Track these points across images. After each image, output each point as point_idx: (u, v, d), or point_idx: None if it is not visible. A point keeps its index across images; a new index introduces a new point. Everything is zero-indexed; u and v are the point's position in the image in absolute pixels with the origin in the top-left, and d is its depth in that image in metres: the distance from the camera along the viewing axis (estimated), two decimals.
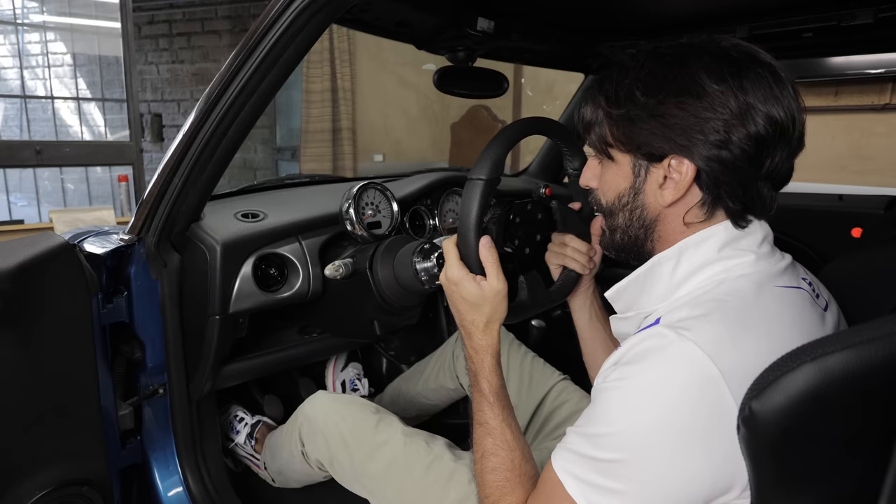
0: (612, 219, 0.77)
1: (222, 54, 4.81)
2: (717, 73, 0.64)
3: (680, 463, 0.57)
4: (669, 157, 0.67)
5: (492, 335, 0.82)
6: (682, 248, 0.70)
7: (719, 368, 0.57)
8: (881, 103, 2.85)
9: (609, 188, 0.75)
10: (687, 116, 0.65)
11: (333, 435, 1.08)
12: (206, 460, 1.19)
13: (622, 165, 0.73)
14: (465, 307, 0.83)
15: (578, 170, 1.02)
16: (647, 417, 0.58)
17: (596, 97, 0.73)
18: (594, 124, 0.74)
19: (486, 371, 0.81)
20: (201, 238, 1.10)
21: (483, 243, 0.83)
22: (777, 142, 0.65)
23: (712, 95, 0.64)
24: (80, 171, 4.07)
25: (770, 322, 0.62)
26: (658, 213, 0.72)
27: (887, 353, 0.42)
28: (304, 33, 0.84)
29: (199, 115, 0.94)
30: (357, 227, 1.20)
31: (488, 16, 1.06)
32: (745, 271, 0.66)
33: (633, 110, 0.68)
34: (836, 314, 0.73)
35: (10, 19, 3.47)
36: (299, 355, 1.32)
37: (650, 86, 0.67)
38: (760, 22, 1.05)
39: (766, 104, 0.64)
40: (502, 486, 0.76)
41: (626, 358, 0.62)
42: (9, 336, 0.86)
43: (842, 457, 0.48)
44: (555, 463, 0.65)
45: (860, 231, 1.42)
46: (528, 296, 0.93)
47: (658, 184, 0.70)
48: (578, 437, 0.64)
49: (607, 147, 0.73)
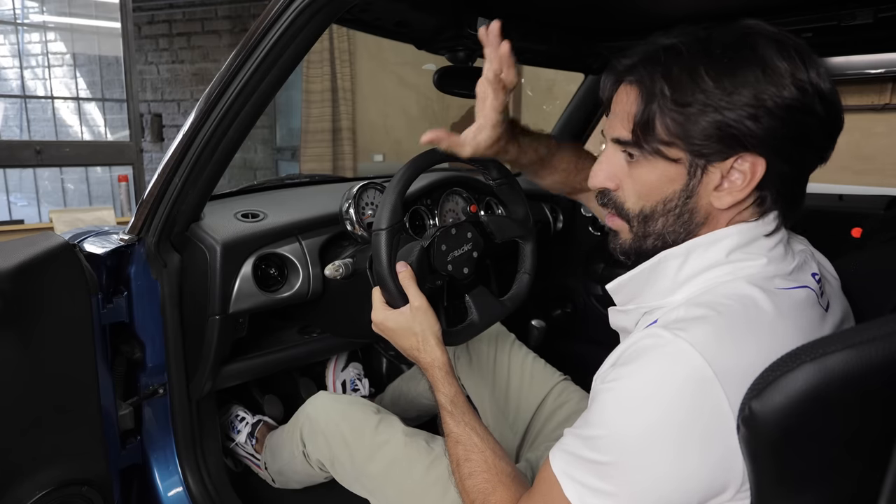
0: (647, 224, 0.68)
1: (222, 54, 4.81)
2: (787, 54, 0.58)
3: (673, 465, 0.57)
4: (738, 156, 0.61)
5: (432, 350, 0.87)
6: (690, 247, 0.66)
7: (714, 370, 0.55)
8: (881, 103, 2.85)
9: (650, 190, 0.66)
10: (765, 108, 0.58)
11: (335, 435, 1.08)
12: (206, 460, 1.19)
13: (677, 166, 0.64)
14: (400, 337, 0.89)
15: (498, 177, 1.05)
16: (640, 420, 0.58)
17: (649, 84, 0.63)
18: (643, 117, 0.63)
19: (437, 384, 0.85)
20: (201, 238, 1.10)
21: (397, 269, 0.90)
22: (832, 126, 0.62)
23: (790, 80, 0.58)
24: (80, 171, 4.07)
25: (768, 325, 0.59)
26: (707, 216, 0.65)
27: (887, 352, 0.42)
28: (304, 33, 0.84)
29: (199, 115, 0.94)
30: (357, 227, 1.20)
31: (488, 16, 1.06)
32: (749, 273, 0.63)
33: (701, 100, 0.60)
34: (838, 315, 0.71)
35: (10, 19, 3.46)
36: (299, 355, 1.32)
37: (721, 70, 0.59)
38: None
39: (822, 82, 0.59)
40: (483, 487, 0.76)
41: (622, 359, 0.62)
42: (9, 336, 0.86)
43: (842, 457, 0.48)
44: (552, 463, 0.65)
45: (860, 231, 1.41)
46: (478, 313, 0.98)
47: (714, 185, 0.63)
48: (575, 439, 0.64)
49: (662, 145, 0.63)
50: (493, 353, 1.25)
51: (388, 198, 0.91)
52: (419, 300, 0.88)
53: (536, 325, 1.55)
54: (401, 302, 0.90)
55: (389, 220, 0.90)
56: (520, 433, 1.16)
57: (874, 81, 2.84)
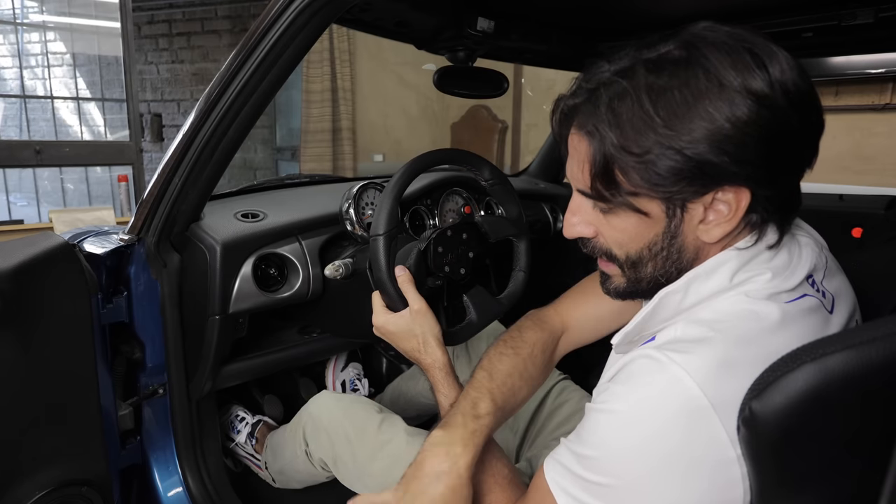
0: (637, 270, 0.64)
1: (222, 54, 4.81)
2: (742, 66, 0.53)
3: (662, 491, 0.55)
4: (715, 191, 0.56)
5: (433, 352, 0.87)
6: (689, 279, 0.61)
7: (710, 399, 0.52)
8: (882, 103, 2.85)
9: (630, 239, 0.62)
10: (724, 136, 0.53)
11: (337, 434, 1.08)
12: (205, 460, 1.19)
13: (650, 213, 0.59)
14: (401, 340, 0.90)
15: (490, 178, 1.07)
16: (630, 446, 0.56)
17: (598, 136, 0.57)
18: (600, 170, 0.58)
19: (438, 385, 0.86)
20: (201, 238, 1.10)
21: (396, 274, 0.91)
22: (809, 116, 0.58)
23: (744, 97, 0.52)
24: (80, 171, 4.07)
25: (772, 343, 0.55)
26: (698, 251, 0.61)
27: (888, 353, 0.42)
28: (304, 33, 0.84)
29: (199, 115, 0.94)
30: (357, 227, 1.20)
31: (488, 16, 1.06)
32: (754, 288, 0.59)
33: (657, 143, 0.54)
34: (845, 310, 0.67)
35: (9, 19, 3.46)
36: (299, 355, 1.32)
37: (671, 104, 0.54)
38: (761, 22, 1.05)
39: (785, 76, 0.54)
40: (479, 488, 0.76)
41: (618, 377, 0.60)
42: (8, 336, 0.86)
43: (842, 457, 0.48)
44: (546, 473, 0.64)
45: (860, 231, 1.41)
46: (476, 312, 1.00)
47: (698, 220, 0.58)
48: (568, 453, 0.63)
49: (628, 196, 0.59)
50: None
51: (384, 203, 0.93)
52: (419, 303, 0.90)
53: None
54: (400, 305, 0.91)
55: (386, 226, 0.92)
56: (519, 433, 1.16)
57: (874, 81, 2.84)
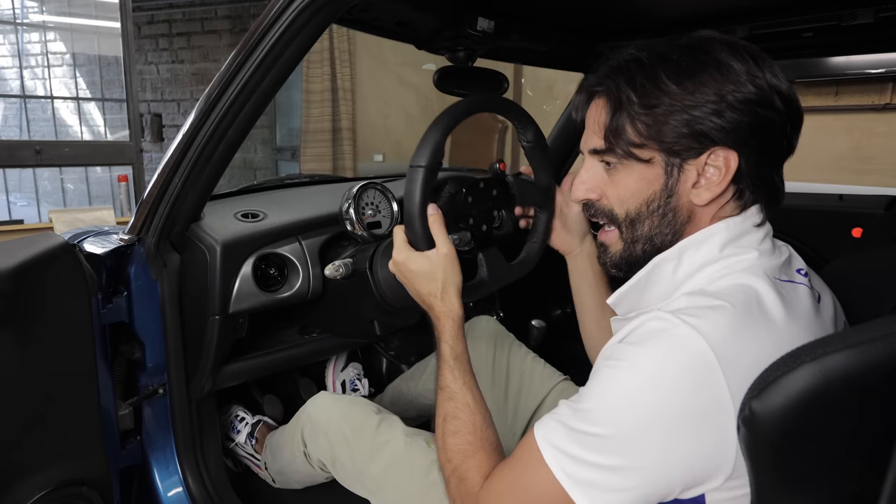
0: (635, 229, 0.71)
1: (222, 54, 4.81)
2: (741, 57, 0.63)
3: (662, 448, 0.57)
4: (710, 151, 0.65)
5: (451, 301, 0.85)
6: (682, 248, 0.69)
7: (717, 357, 0.56)
8: (881, 103, 2.85)
9: (632, 194, 0.70)
10: (726, 103, 0.63)
11: (336, 435, 1.08)
12: (205, 460, 1.19)
13: (653, 166, 0.68)
14: (419, 281, 0.86)
15: (532, 141, 1.02)
16: (638, 400, 0.58)
17: (615, 93, 0.68)
18: (613, 124, 0.68)
19: (446, 335, 0.83)
20: (201, 238, 1.10)
21: (428, 212, 0.85)
22: (794, 120, 0.66)
23: (747, 78, 0.62)
24: (80, 171, 4.08)
25: (771, 317, 0.61)
26: (690, 214, 0.69)
27: (888, 352, 0.42)
28: (304, 33, 0.84)
29: (199, 115, 0.94)
30: (357, 227, 1.20)
31: (488, 16, 1.06)
32: (747, 266, 0.65)
33: (666, 102, 0.64)
34: (830, 305, 0.73)
35: (9, 19, 3.46)
36: (299, 355, 1.32)
37: (681, 73, 0.64)
38: (761, 22, 1.05)
39: (778, 81, 0.64)
40: (464, 449, 0.76)
41: (630, 338, 0.62)
42: (8, 336, 0.86)
43: (842, 457, 0.48)
44: (537, 432, 0.65)
45: (860, 231, 1.42)
46: (488, 272, 0.96)
47: (692, 182, 0.67)
48: (568, 409, 0.64)
49: (634, 148, 0.68)
50: (492, 352, 1.25)
51: (430, 135, 0.85)
52: (447, 247, 0.85)
53: (536, 325, 1.55)
54: (424, 245, 0.86)
55: (430, 159, 0.84)
56: (519, 433, 1.16)
57: (874, 81, 2.85)
